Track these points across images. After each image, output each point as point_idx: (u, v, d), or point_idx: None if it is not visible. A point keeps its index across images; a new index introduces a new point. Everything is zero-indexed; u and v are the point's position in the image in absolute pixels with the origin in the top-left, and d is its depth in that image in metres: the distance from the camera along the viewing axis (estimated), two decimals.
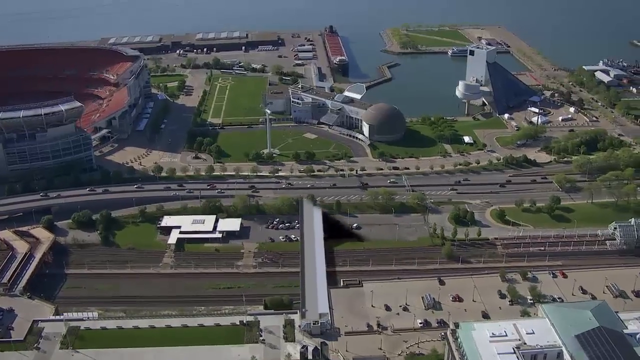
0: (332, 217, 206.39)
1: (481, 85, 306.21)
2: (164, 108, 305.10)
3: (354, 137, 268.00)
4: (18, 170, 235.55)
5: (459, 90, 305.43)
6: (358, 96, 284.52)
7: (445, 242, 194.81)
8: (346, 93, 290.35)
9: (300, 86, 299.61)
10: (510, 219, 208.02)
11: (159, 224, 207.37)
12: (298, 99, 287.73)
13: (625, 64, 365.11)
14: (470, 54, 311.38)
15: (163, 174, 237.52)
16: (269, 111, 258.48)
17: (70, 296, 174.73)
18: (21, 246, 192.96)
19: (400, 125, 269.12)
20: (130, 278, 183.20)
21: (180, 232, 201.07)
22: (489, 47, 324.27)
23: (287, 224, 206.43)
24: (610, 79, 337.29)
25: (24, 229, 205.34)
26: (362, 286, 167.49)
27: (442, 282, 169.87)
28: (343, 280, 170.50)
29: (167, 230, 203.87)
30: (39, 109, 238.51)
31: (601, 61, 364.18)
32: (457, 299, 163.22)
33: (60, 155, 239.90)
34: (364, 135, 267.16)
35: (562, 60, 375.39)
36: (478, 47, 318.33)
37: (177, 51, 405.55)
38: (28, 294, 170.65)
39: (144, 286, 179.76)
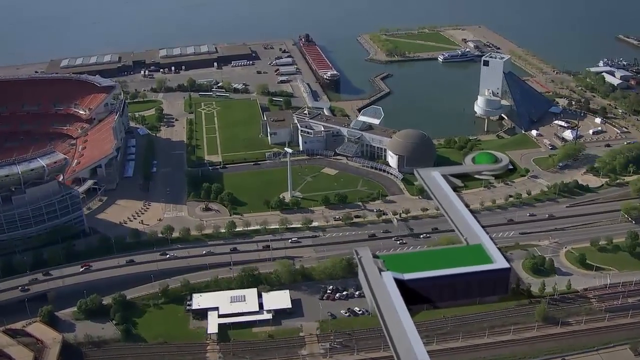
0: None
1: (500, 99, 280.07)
2: (149, 145, 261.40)
3: (383, 170, 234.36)
4: None
5: (479, 107, 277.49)
6: (376, 121, 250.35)
7: (533, 300, 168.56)
8: (361, 117, 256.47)
9: (306, 112, 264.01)
10: (592, 262, 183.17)
11: (189, 305, 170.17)
12: (307, 128, 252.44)
13: (625, 63, 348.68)
14: (484, 65, 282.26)
15: (175, 234, 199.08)
16: (289, 150, 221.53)
17: None
18: (22, 355, 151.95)
19: (430, 154, 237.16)
20: None
21: (220, 316, 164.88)
22: (503, 57, 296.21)
23: (343, 293, 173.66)
24: (619, 81, 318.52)
25: (17, 326, 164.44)
26: None
27: None
28: None
29: (202, 313, 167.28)
30: (14, 166, 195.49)
31: (601, 61, 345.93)
32: None
33: (45, 220, 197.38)
34: (391, 167, 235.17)
35: (554, 60, 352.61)
36: (492, 57, 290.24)
37: (142, 71, 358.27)
38: None
39: None
